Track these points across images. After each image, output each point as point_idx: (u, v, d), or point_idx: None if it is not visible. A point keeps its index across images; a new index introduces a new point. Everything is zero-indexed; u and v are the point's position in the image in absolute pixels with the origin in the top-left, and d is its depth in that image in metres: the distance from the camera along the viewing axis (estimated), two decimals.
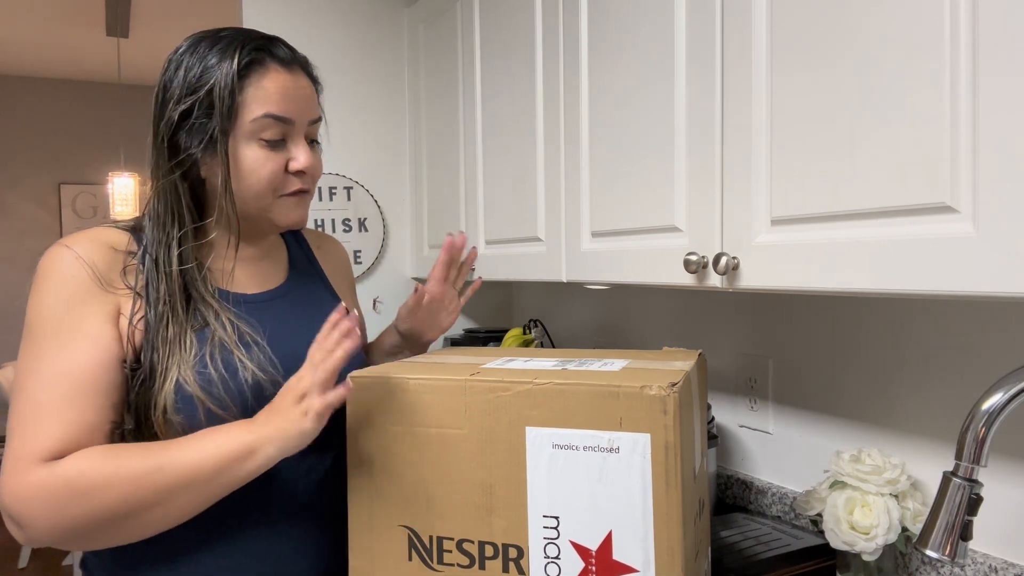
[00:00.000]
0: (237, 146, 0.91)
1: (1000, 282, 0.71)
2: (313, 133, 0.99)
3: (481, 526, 0.80)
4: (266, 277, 1.03)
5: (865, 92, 0.84)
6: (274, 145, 0.93)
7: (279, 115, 0.92)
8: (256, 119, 0.91)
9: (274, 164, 0.93)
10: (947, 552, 0.72)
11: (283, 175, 0.94)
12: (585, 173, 1.36)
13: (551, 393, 0.77)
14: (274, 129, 0.92)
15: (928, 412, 1.15)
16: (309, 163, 0.95)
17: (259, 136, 0.91)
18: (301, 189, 0.96)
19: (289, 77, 0.94)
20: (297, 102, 0.94)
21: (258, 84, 0.91)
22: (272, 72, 0.92)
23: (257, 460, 0.81)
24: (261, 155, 0.92)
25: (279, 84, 0.92)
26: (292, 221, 0.97)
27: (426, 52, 2.06)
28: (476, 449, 0.80)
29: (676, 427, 0.72)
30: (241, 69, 0.90)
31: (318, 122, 0.99)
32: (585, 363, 0.86)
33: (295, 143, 0.95)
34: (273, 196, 0.94)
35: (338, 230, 2.12)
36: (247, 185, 0.93)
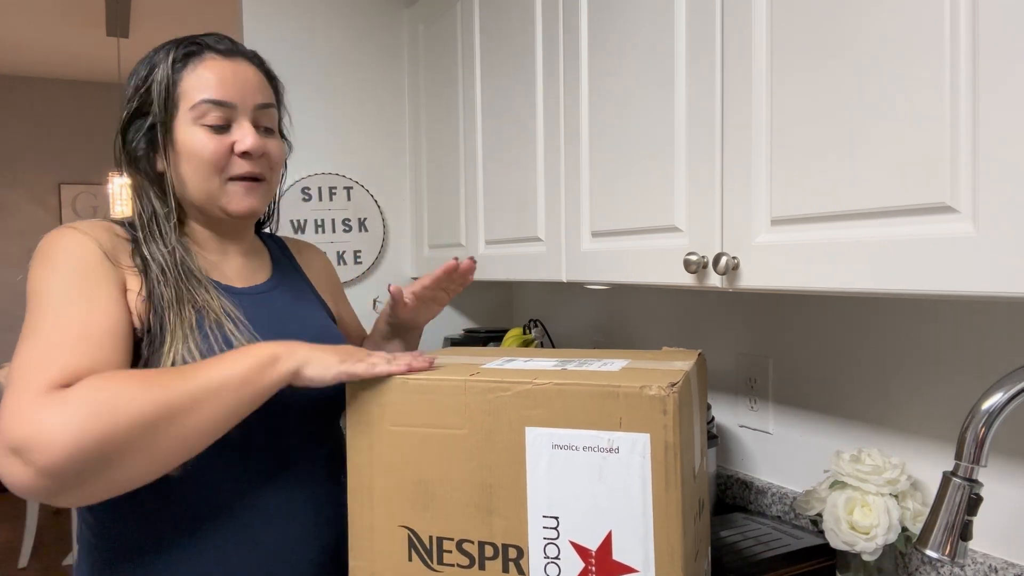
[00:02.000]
0: (182, 134, 0.94)
1: (1000, 282, 0.71)
2: (264, 120, 0.98)
3: (481, 526, 0.80)
4: (251, 273, 1.04)
5: (865, 92, 0.84)
6: (218, 129, 0.94)
7: (217, 99, 0.93)
8: (195, 105, 0.93)
9: (217, 144, 0.93)
10: (947, 552, 0.72)
11: (228, 156, 0.94)
12: (585, 173, 1.36)
13: (551, 393, 0.77)
14: (215, 114, 0.93)
15: (928, 412, 1.15)
16: (254, 144, 0.94)
17: (201, 122, 0.93)
18: (250, 174, 0.96)
19: (228, 64, 0.95)
20: (237, 86, 0.95)
21: (195, 72, 0.94)
22: (209, 60, 0.95)
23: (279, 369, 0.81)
24: (203, 137, 0.93)
25: (216, 71, 0.94)
26: (243, 209, 0.96)
27: (426, 52, 2.06)
28: (476, 449, 0.80)
29: (676, 427, 0.72)
30: (177, 61, 0.94)
31: (268, 108, 0.99)
32: (585, 363, 0.86)
33: (239, 126, 0.95)
34: (220, 179, 0.95)
35: (338, 230, 2.12)
36: (194, 169, 0.94)
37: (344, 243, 2.13)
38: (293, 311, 1.03)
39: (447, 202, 1.96)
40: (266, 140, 0.98)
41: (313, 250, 1.21)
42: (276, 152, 1.00)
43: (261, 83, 0.99)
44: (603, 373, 0.79)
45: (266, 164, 0.98)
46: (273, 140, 1.00)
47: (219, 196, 0.96)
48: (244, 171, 0.95)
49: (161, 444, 0.75)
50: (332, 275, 1.22)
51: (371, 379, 0.84)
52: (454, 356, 0.98)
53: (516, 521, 0.78)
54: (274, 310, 1.01)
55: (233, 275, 1.02)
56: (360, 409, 0.85)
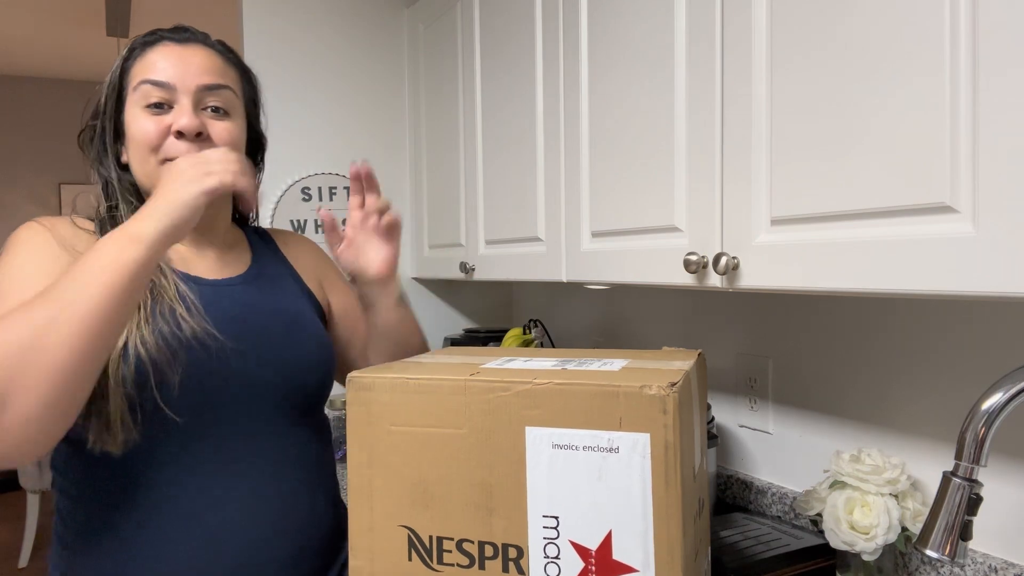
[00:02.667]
0: (129, 117, 0.94)
1: (1000, 282, 0.71)
2: (213, 101, 0.95)
3: (481, 526, 0.80)
4: (227, 265, 1.02)
5: (865, 92, 0.84)
6: (158, 110, 0.93)
7: (154, 79, 0.92)
8: (136, 86, 0.93)
9: (153, 125, 0.92)
10: (947, 552, 0.72)
11: (164, 137, 0.93)
12: (585, 173, 1.36)
13: (551, 393, 0.77)
14: (154, 94, 0.92)
15: (928, 412, 1.15)
16: (189, 123, 0.92)
17: (143, 104, 0.93)
18: None
19: (176, 48, 0.95)
20: (179, 66, 0.93)
21: (142, 58, 0.94)
22: (160, 47, 0.95)
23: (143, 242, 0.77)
24: (142, 119, 0.93)
25: (162, 54, 0.94)
26: None
27: (426, 52, 2.06)
28: (476, 449, 0.80)
29: (676, 427, 0.72)
30: (133, 50, 0.95)
31: (218, 90, 0.96)
32: (585, 363, 0.86)
33: (178, 106, 0.93)
34: (155, 160, 0.93)
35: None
36: (134, 151, 0.94)
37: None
38: (269, 300, 1.01)
39: (447, 202, 1.96)
40: (212, 122, 0.95)
41: (300, 240, 1.18)
42: (223, 134, 0.95)
43: (212, 65, 0.96)
44: (603, 373, 0.79)
45: (209, 145, 0.94)
46: (223, 122, 0.96)
47: (156, 178, 0.93)
48: (178, 153, 0.92)
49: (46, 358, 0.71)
50: (323, 262, 1.18)
51: (371, 379, 0.84)
52: (454, 356, 0.98)
53: (516, 521, 0.78)
54: (240, 301, 0.99)
55: (204, 269, 1.00)
56: (360, 409, 0.85)
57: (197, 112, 0.94)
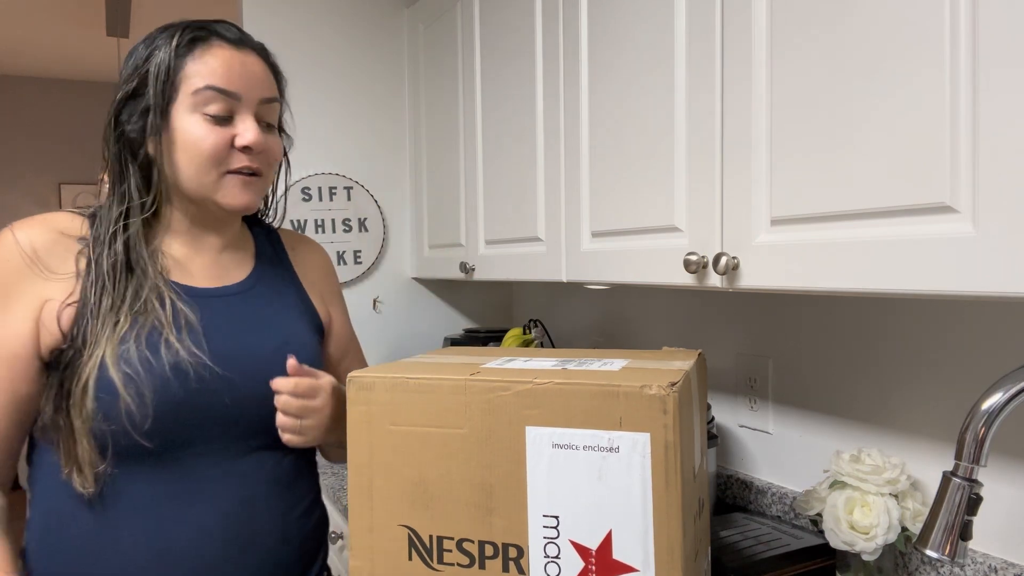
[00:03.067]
0: (180, 120, 0.90)
1: (1000, 282, 0.72)
2: (267, 115, 0.95)
3: (481, 526, 0.80)
4: (225, 271, 0.99)
5: (865, 92, 0.84)
6: (219, 120, 0.90)
7: (222, 88, 0.90)
8: (198, 91, 0.89)
9: (217, 137, 0.90)
10: (947, 552, 0.72)
11: (228, 150, 0.91)
12: (585, 173, 1.36)
13: (551, 393, 0.77)
14: (218, 103, 0.90)
15: (928, 412, 1.15)
16: (256, 139, 0.91)
17: (203, 110, 0.90)
18: (248, 168, 0.92)
19: (236, 53, 0.92)
20: (244, 78, 0.91)
21: (201, 58, 0.90)
22: (216, 48, 0.91)
23: None
24: (204, 128, 0.90)
25: (223, 59, 0.91)
26: (239, 204, 0.93)
27: (426, 52, 2.06)
28: (476, 449, 0.80)
29: (676, 426, 0.72)
30: (182, 45, 0.90)
31: (273, 103, 0.96)
32: (585, 363, 0.86)
33: (242, 119, 0.92)
34: (217, 172, 0.91)
35: (338, 230, 2.12)
36: (189, 159, 0.90)
37: (344, 243, 2.13)
38: (262, 316, 0.98)
39: (447, 202, 1.96)
40: (267, 136, 0.95)
41: (310, 246, 1.15)
42: (276, 149, 0.97)
43: (267, 77, 0.95)
44: (603, 373, 0.79)
45: (265, 160, 0.95)
46: (273, 136, 0.97)
47: (214, 189, 0.92)
48: (243, 165, 0.92)
49: None
50: (328, 275, 1.15)
51: (371, 379, 0.84)
52: (454, 356, 0.98)
53: (516, 520, 0.78)
54: (238, 315, 0.96)
55: (202, 273, 0.97)
56: (360, 409, 0.85)
57: None
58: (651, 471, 0.73)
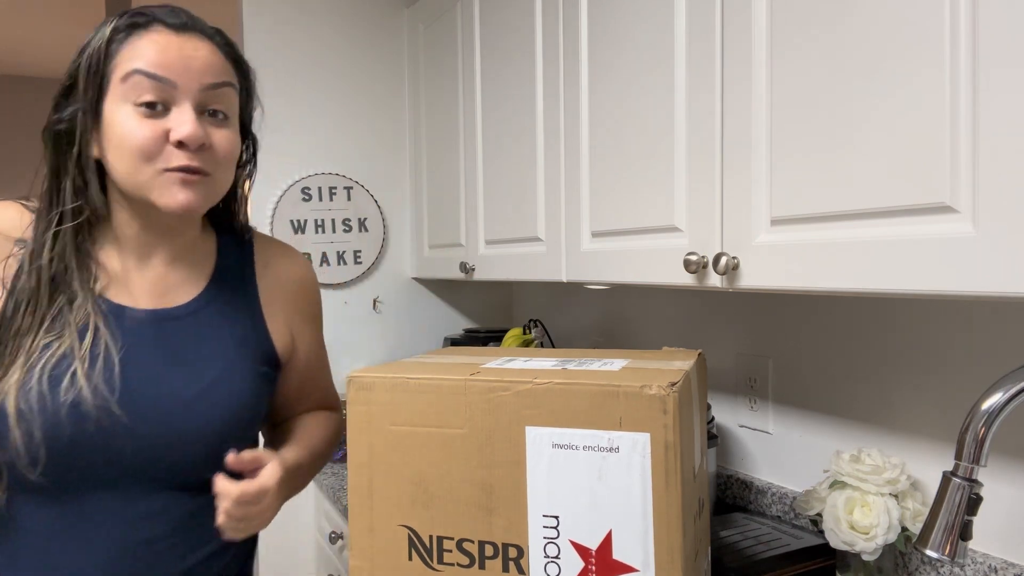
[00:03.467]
0: (111, 112, 0.81)
1: (1000, 282, 0.72)
2: (215, 102, 0.84)
3: (481, 526, 0.80)
4: (170, 289, 0.89)
5: (865, 92, 0.84)
6: (153, 111, 0.80)
7: (151, 72, 0.80)
8: (126, 76, 0.80)
9: (148, 130, 0.80)
10: (947, 552, 0.72)
11: (162, 144, 0.81)
12: (585, 173, 1.36)
13: (551, 393, 0.77)
14: (149, 91, 0.80)
15: (928, 412, 1.15)
16: (192, 132, 0.80)
17: (133, 100, 0.80)
18: (187, 166, 0.82)
19: (174, 37, 0.82)
20: (181, 61, 0.81)
21: (134, 43, 0.81)
22: (153, 32, 0.81)
23: None
24: (134, 120, 0.80)
25: (158, 42, 0.81)
26: (176, 205, 0.82)
27: (426, 52, 2.06)
28: (476, 449, 0.80)
29: (676, 426, 0.72)
30: (119, 31, 0.81)
31: (221, 88, 0.85)
32: (585, 363, 0.86)
33: (179, 109, 0.81)
34: (152, 170, 0.81)
35: (338, 230, 2.12)
36: (120, 155, 0.81)
37: (344, 243, 2.13)
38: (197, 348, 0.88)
39: (447, 202, 1.96)
40: (213, 129, 0.84)
41: (288, 260, 1.01)
42: (224, 144, 0.85)
43: (215, 62, 0.84)
44: (603, 373, 0.79)
45: (211, 158, 0.84)
46: (224, 130, 0.85)
47: (148, 188, 0.82)
48: (180, 164, 0.81)
49: None
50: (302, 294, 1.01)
51: (371, 379, 0.84)
52: (454, 356, 0.98)
53: (516, 520, 0.78)
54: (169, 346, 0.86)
55: (143, 291, 0.88)
56: (360, 409, 0.85)
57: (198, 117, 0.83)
58: (651, 471, 0.73)
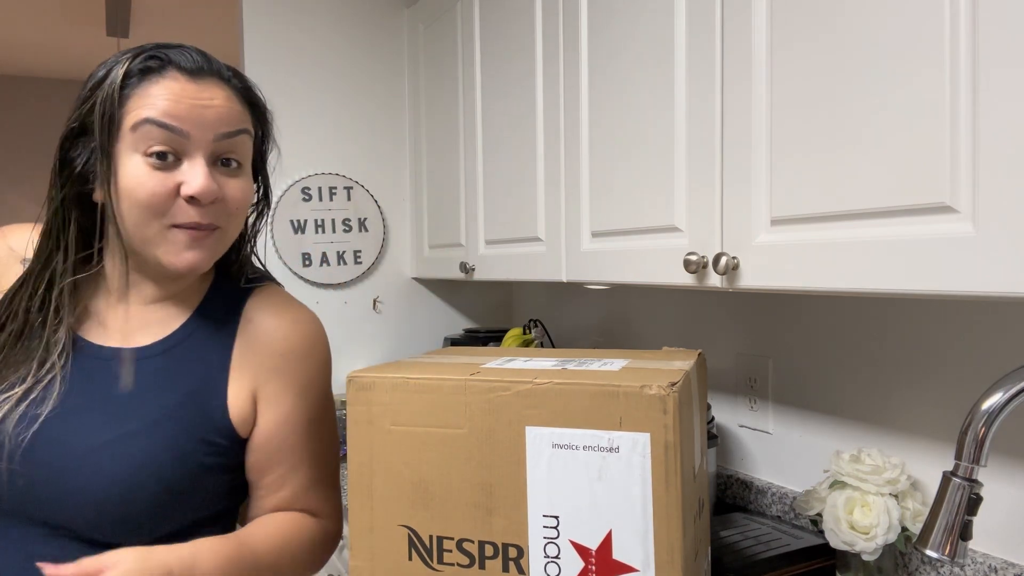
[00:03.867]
0: (122, 162, 0.77)
1: (1000, 282, 0.72)
2: (230, 151, 0.81)
3: (481, 526, 0.80)
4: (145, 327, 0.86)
5: (865, 92, 0.84)
6: (164, 162, 0.77)
7: (161, 121, 0.76)
8: (136, 125, 0.76)
9: (157, 184, 0.76)
10: (947, 552, 0.72)
11: (171, 199, 0.77)
12: (585, 173, 1.36)
13: (551, 393, 0.77)
14: (160, 141, 0.76)
15: (928, 412, 1.15)
16: (204, 187, 0.77)
17: (144, 150, 0.76)
18: (198, 224, 0.78)
19: (189, 84, 0.78)
20: (195, 110, 0.77)
21: (146, 90, 0.77)
22: (167, 78, 0.78)
23: None
24: (143, 172, 0.76)
25: (170, 89, 0.77)
26: (182, 265, 0.79)
27: (426, 52, 2.06)
28: (476, 449, 0.80)
29: (676, 426, 0.72)
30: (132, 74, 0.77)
31: (237, 136, 0.81)
32: (585, 363, 0.86)
33: (191, 162, 0.78)
34: (159, 225, 0.78)
35: (338, 230, 2.12)
36: (126, 208, 0.77)
37: (344, 243, 2.13)
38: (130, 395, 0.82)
39: (447, 202, 1.96)
40: (226, 180, 0.81)
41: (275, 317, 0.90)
42: (238, 196, 0.82)
43: (231, 109, 0.80)
44: (603, 373, 0.79)
45: (222, 211, 0.80)
46: (237, 180, 0.82)
47: (155, 244, 0.79)
48: (190, 220, 0.78)
49: None
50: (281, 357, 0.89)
51: (371, 379, 0.84)
52: (454, 356, 0.98)
53: (516, 520, 0.78)
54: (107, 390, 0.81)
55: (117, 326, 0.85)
56: (360, 409, 0.85)
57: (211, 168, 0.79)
58: (651, 471, 0.73)
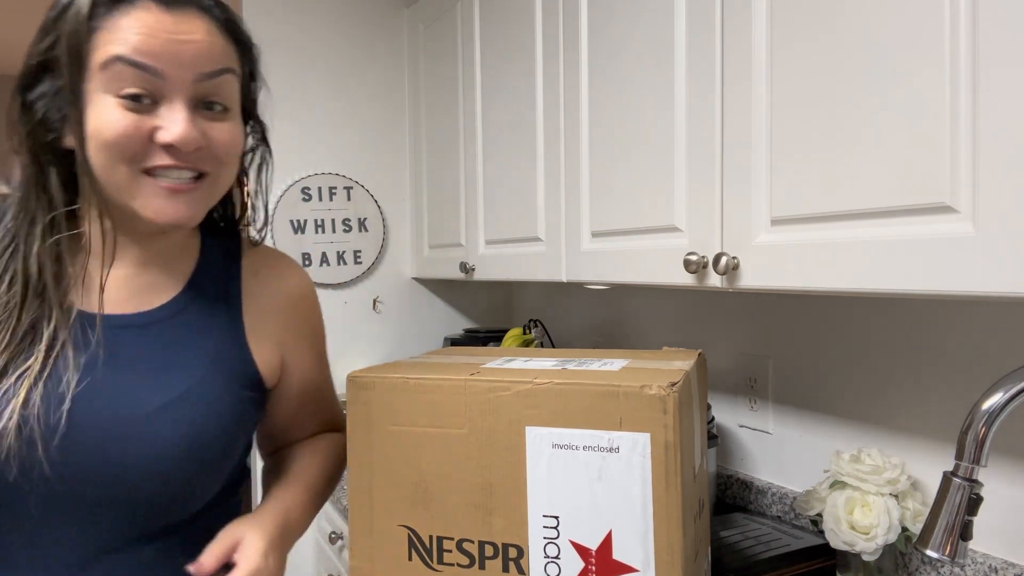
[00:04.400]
0: (92, 103, 0.68)
1: (1000, 282, 0.71)
2: (214, 94, 0.72)
3: (481, 526, 0.80)
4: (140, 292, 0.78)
5: (865, 92, 0.84)
6: (139, 104, 0.68)
7: (133, 59, 0.67)
8: (106, 63, 0.67)
9: (128, 125, 0.68)
10: (947, 552, 0.72)
11: (144, 143, 0.69)
12: (585, 173, 1.36)
13: (551, 393, 0.77)
14: (133, 82, 0.67)
15: (928, 412, 1.14)
16: (184, 133, 0.68)
17: (116, 91, 0.67)
18: (175, 165, 0.70)
19: (165, 16, 0.68)
20: (172, 47, 0.68)
21: (116, 21, 0.67)
22: (139, 8, 0.68)
23: None
24: (115, 114, 0.68)
25: (143, 21, 0.67)
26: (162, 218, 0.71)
27: (426, 52, 2.06)
28: (476, 449, 0.80)
29: (676, 427, 0.72)
30: (97, 4, 0.68)
31: (220, 76, 0.72)
32: (584, 363, 0.86)
33: (170, 105, 0.69)
34: (129, 170, 0.69)
35: (338, 230, 2.12)
36: (92, 151, 0.69)
37: (344, 243, 2.13)
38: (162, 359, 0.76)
39: (447, 202, 1.96)
40: (210, 124, 0.72)
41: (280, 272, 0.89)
42: (225, 138, 0.73)
43: (213, 44, 0.71)
44: (603, 373, 0.79)
45: (208, 156, 0.72)
46: (224, 123, 0.73)
47: (128, 193, 0.70)
48: (164, 162, 0.70)
49: None
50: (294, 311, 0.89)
51: (371, 379, 0.84)
52: (454, 356, 0.98)
53: (516, 520, 0.78)
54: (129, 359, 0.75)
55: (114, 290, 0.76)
56: (360, 409, 0.85)
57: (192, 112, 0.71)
58: (651, 471, 0.73)
